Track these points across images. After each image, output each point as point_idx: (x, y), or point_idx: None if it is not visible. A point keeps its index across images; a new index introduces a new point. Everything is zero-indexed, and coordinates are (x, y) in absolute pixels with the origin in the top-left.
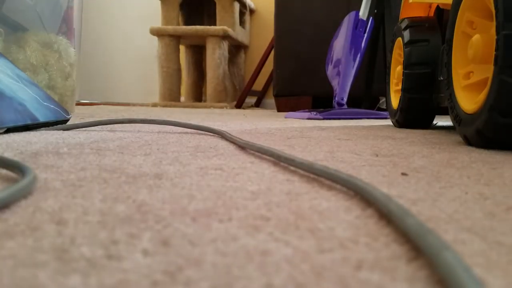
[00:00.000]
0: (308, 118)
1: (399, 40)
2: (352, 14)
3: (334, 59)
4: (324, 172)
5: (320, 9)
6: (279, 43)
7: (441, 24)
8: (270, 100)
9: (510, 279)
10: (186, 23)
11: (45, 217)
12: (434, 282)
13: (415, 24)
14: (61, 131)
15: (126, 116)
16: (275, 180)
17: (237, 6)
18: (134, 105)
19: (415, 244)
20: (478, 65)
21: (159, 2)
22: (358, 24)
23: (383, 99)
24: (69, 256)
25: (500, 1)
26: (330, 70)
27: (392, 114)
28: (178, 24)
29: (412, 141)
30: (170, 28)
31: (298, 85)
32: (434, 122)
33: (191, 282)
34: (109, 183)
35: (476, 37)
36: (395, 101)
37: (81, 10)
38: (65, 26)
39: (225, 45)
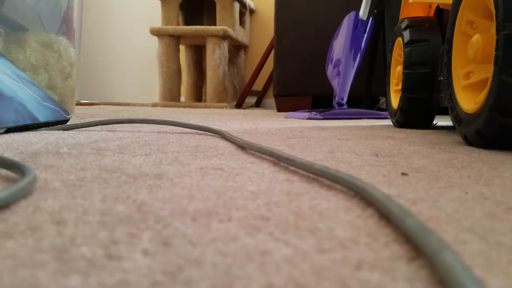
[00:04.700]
0: (308, 118)
1: (399, 40)
2: (352, 14)
3: (334, 59)
4: (324, 172)
5: (320, 9)
6: (279, 43)
7: (441, 24)
8: (270, 100)
9: (510, 279)
10: (186, 23)
11: (45, 217)
12: (434, 282)
13: (415, 24)
14: (61, 131)
15: (126, 116)
16: (275, 180)
17: (237, 6)
18: (134, 105)
19: (415, 244)
20: (478, 65)
21: (159, 2)
22: (358, 24)
23: (383, 99)
24: (69, 256)
25: (500, 1)
26: (330, 70)
27: (392, 114)
28: (178, 24)
29: (412, 141)
30: (170, 28)
31: (298, 85)
32: (434, 122)
33: (191, 282)
34: (109, 183)
35: (476, 37)
36: (395, 101)
37: (81, 10)
38: (65, 26)
39: (225, 45)
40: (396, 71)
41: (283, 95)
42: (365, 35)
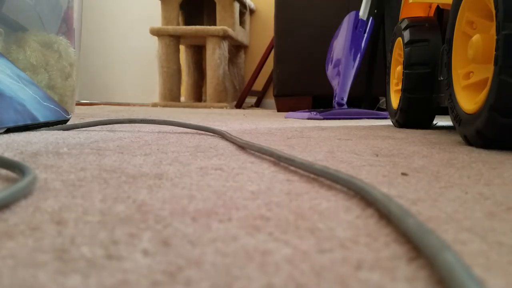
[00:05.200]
0: (308, 118)
1: (399, 40)
2: (352, 14)
3: (334, 59)
4: (324, 172)
5: (320, 9)
6: (279, 43)
7: (441, 24)
8: (270, 100)
9: (510, 279)
10: (186, 23)
11: (45, 217)
12: (434, 282)
13: (415, 24)
14: (61, 131)
15: (126, 116)
16: (275, 180)
17: (237, 6)
18: (134, 105)
19: (415, 244)
20: (478, 65)
21: (159, 2)
22: (358, 24)
23: (383, 99)
24: (69, 256)
25: (500, 1)
26: (330, 70)
27: (392, 114)
28: (178, 24)
29: (412, 141)
30: (170, 28)
31: (298, 85)
32: (434, 122)
33: (191, 282)
34: (109, 183)
35: (476, 37)
36: (395, 101)
37: (81, 10)
38: (65, 26)
39: (225, 45)
40: (396, 71)
41: (283, 95)
42: (365, 35)
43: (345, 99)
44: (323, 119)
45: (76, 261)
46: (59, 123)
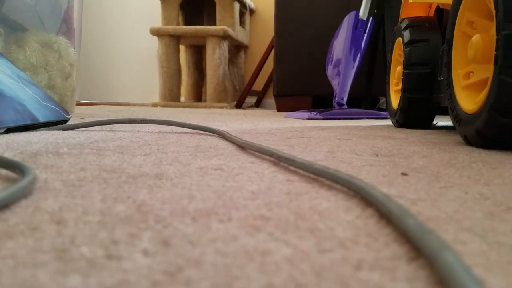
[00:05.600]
0: (308, 118)
1: (399, 40)
2: (352, 14)
3: (334, 59)
4: (324, 172)
5: (320, 9)
6: (279, 43)
7: (441, 24)
8: (270, 100)
9: (510, 279)
10: (186, 23)
11: (45, 217)
12: (434, 282)
13: (415, 24)
14: (61, 131)
15: (126, 116)
16: (275, 180)
17: (237, 6)
18: (134, 105)
19: (415, 244)
20: (478, 65)
21: (159, 2)
22: (358, 24)
23: (383, 99)
24: (69, 256)
25: (500, 1)
26: (330, 70)
27: (392, 114)
28: (178, 24)
29: (412, 141)
30: (170, 28)
31: (298, 85)
32: (434, 122)
33: (191, 282)
34: (109, 183)
35: (476, 37)
36: (395, 101)
37: (81, 10)
38: (65, 26)
39: (225, 45)
40: (396, 71)
41: (283, 95)
42: (365, 35)
43: (345, 99)
44: (323, 119)
45: (76, 261)
46: (59, 123)
